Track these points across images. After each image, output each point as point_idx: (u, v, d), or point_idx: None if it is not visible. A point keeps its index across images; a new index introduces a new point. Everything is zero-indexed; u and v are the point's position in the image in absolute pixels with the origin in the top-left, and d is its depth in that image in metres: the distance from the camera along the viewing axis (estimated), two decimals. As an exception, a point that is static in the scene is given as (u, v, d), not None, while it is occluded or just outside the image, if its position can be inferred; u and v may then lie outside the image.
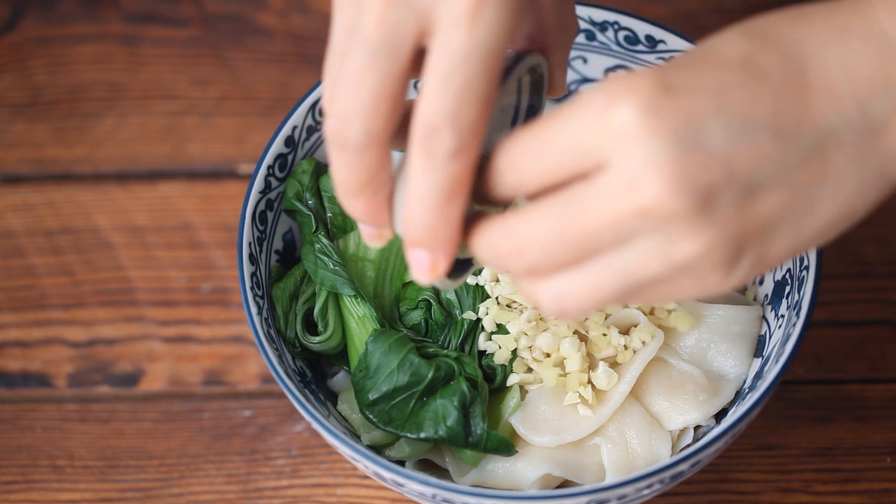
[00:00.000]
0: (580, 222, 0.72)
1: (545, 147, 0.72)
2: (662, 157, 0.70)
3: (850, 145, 0.73)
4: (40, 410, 1.14)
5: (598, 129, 0.71)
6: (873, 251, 1.17)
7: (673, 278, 0.73)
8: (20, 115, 1.29)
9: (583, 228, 0.72)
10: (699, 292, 0.74)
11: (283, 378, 0.94)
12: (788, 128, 0.72)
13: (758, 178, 0.71)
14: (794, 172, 0.72)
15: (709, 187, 0.70)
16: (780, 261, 0.75)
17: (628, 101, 0.70)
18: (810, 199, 0.73)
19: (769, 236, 0.73)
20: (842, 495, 1.07)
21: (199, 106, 1.29)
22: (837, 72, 0.73)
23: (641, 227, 0.71)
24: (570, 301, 0.74)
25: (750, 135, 0.71)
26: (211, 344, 1.17)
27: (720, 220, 0.71)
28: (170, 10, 1.34)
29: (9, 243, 1.22)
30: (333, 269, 1.00)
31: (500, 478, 0.97)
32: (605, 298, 0.74)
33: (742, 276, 0.74)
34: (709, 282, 0.73)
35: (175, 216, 1.23)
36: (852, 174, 0.74)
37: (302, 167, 1.03)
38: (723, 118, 0.71)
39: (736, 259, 0.73)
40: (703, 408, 0.98)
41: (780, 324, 0.98)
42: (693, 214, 0.70)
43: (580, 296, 0.74)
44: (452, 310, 1.01)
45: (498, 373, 0.99)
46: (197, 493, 1.10)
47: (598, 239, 0.72)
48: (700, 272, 0.73)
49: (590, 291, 0.73)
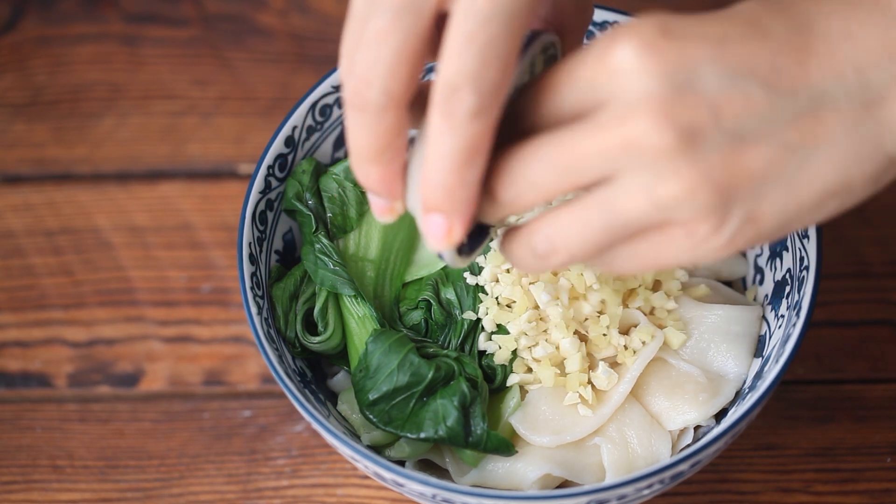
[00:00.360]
0: (568, 152, 0.73)
1: (554, 89, 0.74)
2: (651, 94, 0.71)
3: (846, 111, 0.73)
4: (40, 410, 1.14)
5: (598, 67, 0.72)
6: (873, 251, 1.17)
7: (661, 226, 0.74)
8: (20, 115, 1.29)
9: (570, 158, 0.73)
10: (692, 247, 0.74)
11: (283, 378, 0.94)
12: (783, 84, 0.72)
13: (746, 128, 0.72)
14: (785, 129, 0.73)
15: (693, 127, 0.71)
16: (774, 225, 0.75)
17: (628, 40, 0.72)
18: (802, 159, 0.73)
19: (759, 193, 0.73)
20: (842, 495, 1.07)
21: (199, 106, 1.29)
22: (840, 39, 0.73)
23: (627, 162, 0.72)
24: (558, 239, 0.75)
25: (742, 84, 0.72)
26: (211, 344, 1.17)
27: (704, 162, 0.72)
28: (170, 10, 1.34)
29: (9, 243, 1.22)
30: (333, 269, 1.00)
31: (500, 478, 0.97)
32: (594, 235, 0.74)
33: (733, 233, 0.74)
34: (698, 235, 0.73)
35: (175, 216, 1.23)
36: (847, 141, 0.74)
37: (302, 167, 1.03)
38: (717, 65, 0.72)
39: (724, 211, 0.73)
40: (703, 408, 0.98)
41: (780, 324, 0.98)
42: (676, 152, 0.71)
43: (569, 232, 0.74)
44: (452, 310, 1.01)
45: (498, 373, 0.99)
46: (197, 493, 1.10)
47: (583, 169, 0.72)
48: (688, 221, 0.73)
49: (578, 227, 0.74)
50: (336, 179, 1.03)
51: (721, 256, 0.75)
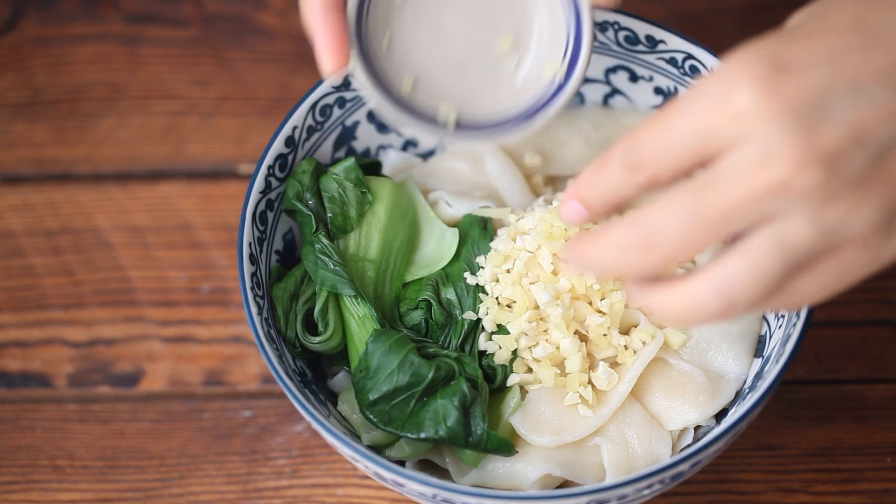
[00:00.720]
0: (715, 203, 0.72)
1: (667, 137, 0.73)
2: (787, 135, 0.70)
3: None
4: (40, 410, 1.14)
5: (718, 115, 0.72)
6: (873, 251, 1.17)
7: (833, 250, 0.73)
8: (20, 115, 1.29)
9: (718, 209, 0.72)
10: (872, 258, 0.74)
11: (283, 378, 0.94)
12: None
13: (888, 137, 0.72)
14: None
15: (837, 154, 0.71)
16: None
17: (745, 84, 0.71)
18: None
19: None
20: (842, 495, 1.07)
21: (199, 106, 1.29)
22: None
23: (780, 205, 0.71)
24: (734, 290, 0.73)
25: (870, 96, 0.71)
26: (211, 344, 1.17)
27: (859, 181, 0.71)
28: (170, 10, 1.34)
29: (9, 243, 1.22)
30: (334, 269, 1.00)
31: (501, 478, 0.97)
32: (768, 277, 0.73)
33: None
34: (873, 244, 0.73)
35: (175, 216, 1.23)
36: None
37: (302, 167, 1.03)
38: (840, 86, 0.71)
39: (892, 217, 0.73)
40: (703, 408, 0.98)
41: (780, 324, 0.98)
42: (827, 182, 0.71)
43: (742, 280, 0.73)
44: (452, 310, 1.01)
45: (498, 373, 0.99)
46: (197, 493, 1.10)
47: (734, 219, 0.72)
48: (858, 236, 0.73)
49: (751, 272, 0.73)
50: (336, 179, 1.03)
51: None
